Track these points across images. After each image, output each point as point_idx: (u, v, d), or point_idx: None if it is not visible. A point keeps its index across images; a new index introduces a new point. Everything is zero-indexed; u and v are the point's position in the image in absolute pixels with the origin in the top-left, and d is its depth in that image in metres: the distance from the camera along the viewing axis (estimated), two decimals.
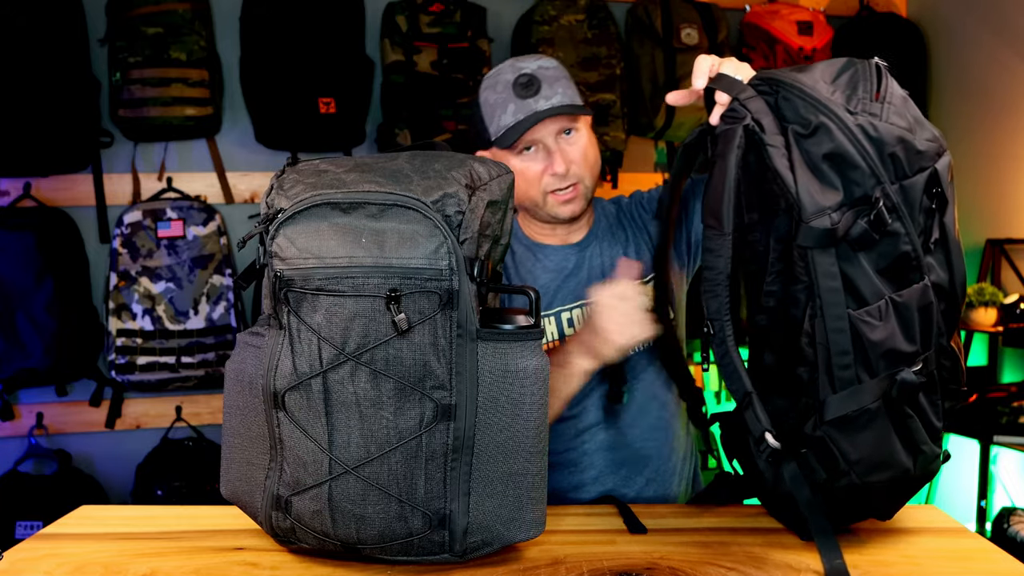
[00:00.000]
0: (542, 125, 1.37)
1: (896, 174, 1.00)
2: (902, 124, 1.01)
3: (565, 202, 1.41)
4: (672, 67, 2.97)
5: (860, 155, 0.99)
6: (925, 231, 1.02)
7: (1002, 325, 2.84)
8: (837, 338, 1.00)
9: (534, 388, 0.99)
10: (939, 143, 1.04)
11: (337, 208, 0.97)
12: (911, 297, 1.01)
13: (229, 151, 2.92)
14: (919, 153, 1.01)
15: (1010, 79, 3.08)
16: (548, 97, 1.37)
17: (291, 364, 0.98)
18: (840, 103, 1.01)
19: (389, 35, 2.82)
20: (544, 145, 1.39)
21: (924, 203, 1.02)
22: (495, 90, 1.40)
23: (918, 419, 1.04)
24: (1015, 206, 3.05)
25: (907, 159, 1.00)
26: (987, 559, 1.09)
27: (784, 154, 1.01)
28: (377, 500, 0.98)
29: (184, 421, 2.88)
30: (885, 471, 1.04)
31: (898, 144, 1.00)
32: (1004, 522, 2.67)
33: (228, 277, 2.75)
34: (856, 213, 0.99)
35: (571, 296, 1.46)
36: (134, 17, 2.59)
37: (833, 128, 0.99)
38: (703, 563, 1.08)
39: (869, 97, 1.03)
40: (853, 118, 1.00)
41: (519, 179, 1.40)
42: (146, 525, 1.21)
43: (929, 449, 1.06)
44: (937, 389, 1.07)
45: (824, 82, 1.04)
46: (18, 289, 2.57)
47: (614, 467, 1.44)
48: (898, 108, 1.03)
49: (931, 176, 1.01)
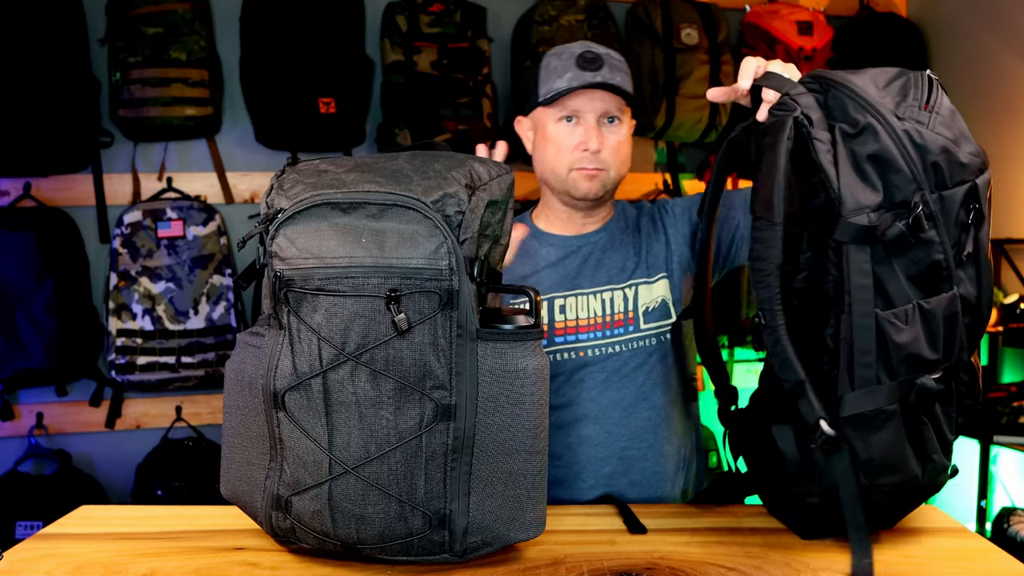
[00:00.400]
0: (592, 100, 1.41)
1: (937, 183, 1.01)
2: (948, 135, 1.03)
3: (588, 177, 1.43)
4: (672, 67, 2.97)
5: (904, 159, 1.00)
6: (959, 244, 1.03)
7: (1002, 325, 2.84)
8: (862, 335, 1.01)
9: (534, 388, 0.99)
10: (982, 159, 1.05)
11: (337, 208, 0.97)
12: (938, 305, 1.02)
13: (229, 151, 2.92)
14: (962, 166, 1.02)
15: (1010, 79, 3.08)
16: (607, 78, 1.41)
17: (291, 364, 0.98)
18: (889, 107, 1.03)
19: (389, 35, 2.82)
20: (585, 120, 1.42)
21: (961, 216, 1.03)
22: (559, 57, 1.44)
23: (932, 428, 1.05)
24: (1015, 206, 3.05)
25: (949, 170, 1.01)
26: (987, 559, 1.09)
27: (829, 150, 1.02)
28: (377, 500, 0.98)
29: (184, 421, 2.88)
30: (894, 475, 1.05)
31: (942, 154, 1.01)
32: (1004, 522, 2.67)
33: (228, 277, 2.75)
34: (895, 216, 1.00)
35: (567, 283, 1.46)
36: (134, 17, 2.59)
37: (880, 130, 1.01)
38: (703, 563, 1.08)
39: (918, 106, 1.04)
40: (900, 123, 1.01)
41: (550, 146, 1.45)
42: (146, 525, 1.21)
43: (939, 459, 1.07)
44: (953, 401, 1.07)
45: (876, 86, 1.06)
46: (18, 289, 2.57)
47: (598, 464, 1.43)
48: (945, 119, 1.04)
49: (970, 190, 1.02)
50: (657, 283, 1.46)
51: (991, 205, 1.08)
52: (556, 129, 1.44)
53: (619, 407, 1.43)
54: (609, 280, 1.46)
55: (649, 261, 1.48)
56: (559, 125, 1.44)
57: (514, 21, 3.03)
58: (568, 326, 1.43)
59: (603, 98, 1.42)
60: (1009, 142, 3.08)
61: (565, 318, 1.43)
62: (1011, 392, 2.84)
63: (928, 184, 1.01)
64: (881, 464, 1.04)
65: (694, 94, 2.96)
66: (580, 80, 1.40)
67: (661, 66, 2.97)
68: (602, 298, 1.45)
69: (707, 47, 3.01)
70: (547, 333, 1.43)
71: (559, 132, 1.44)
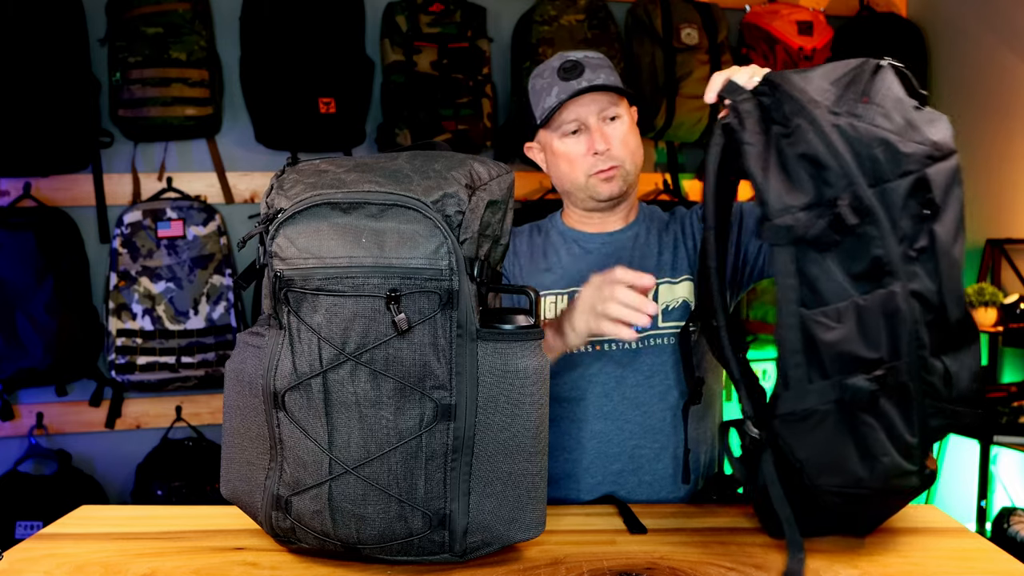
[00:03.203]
0: (584, 105, 1.43)
1: (876, 176, 0.99)
2: (888, 126, 1.00)
3: (606, 180, 1.45)
4: (672, 67, 2.97)
5: (832, 156, 0.98)
6: (909, 237, 1.00)
7: (1002, 325, 2.84)
8: (788, 335, 0.99)
9: (534, 388, 0.99)
10: (933, 148, 1.01)
11: (337, 208, 0.97)
12: (874, 302, 0.98)
13: (229, 151, 2.92)
14: (905, 156, 0.99)
15: (1010, 79, 3.08)
16: (591, 80, 1.43)
17: (291, 364, 0.98)
18: (827, 104, 1.01)
19: (389, 35, 2.82)
20: (586, 126, 1.44)
21: (911, 208, 1.00)
22: (542, 77, 1.48)
23: (881, 429, 1.00)
24: (1015, 206, 3.05)
25: (889, 162, 0.99)
26: (987, 559, 1.09)
27: (760, 153, 1.02)
28: (377, 500, 0.98)
29: (184, 421, 2.88)
30: (834, 476, 1.02)
31: (880, 146, 0.99)
32: (1004, 522, 2.67)
33: (228, 277, 2.75)
34: (820, 213, 0.98)
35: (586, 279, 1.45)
36: (134, 17, 2.59)
37: (807, 128, 1.00)
38: (703, 563, 1.08)
39: (856, 98, 1.02)
40: (835, 119, 1.00)
41: (562, 162, 1.48)
42: (146, 525, 1.21)
43: (891, 462, 1.00)
44: (913, 403, 1.00)
45: (825, 82, 1.04)
46: (18, 289, 2.57)
47: (607, 460, 1.43)
48: (886, 110, 1.02)
49: (917, 180, 0.99)
50: (680, 284, 1.46)
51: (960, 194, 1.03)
52: (562, 144, 1.47)
53: (632, 404, 1.42)
54: None
55: (675, 263, 1.47)
56: (564, 140, 1.46)
57: (514, 21, 3.03)
58: None
59: (594, 99, 1.44)
60: (1009, 142, 3.08)
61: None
62: (1011, 392, 2.84)
63: (865, 178, 0.98)
64: (819, 464, 1.02)
65: (694, 94, 2.96)
66: (567, 91, 1.43)
67: (661, 66, 2.97)
68: None
69: (707, 47, 3.01)
70: None
71: (566, 146, 1.46)
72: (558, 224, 1.57)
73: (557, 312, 1.46)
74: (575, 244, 1.53)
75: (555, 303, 1.47)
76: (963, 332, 1.03)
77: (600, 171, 1.45)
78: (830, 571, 1.05)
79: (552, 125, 1.47)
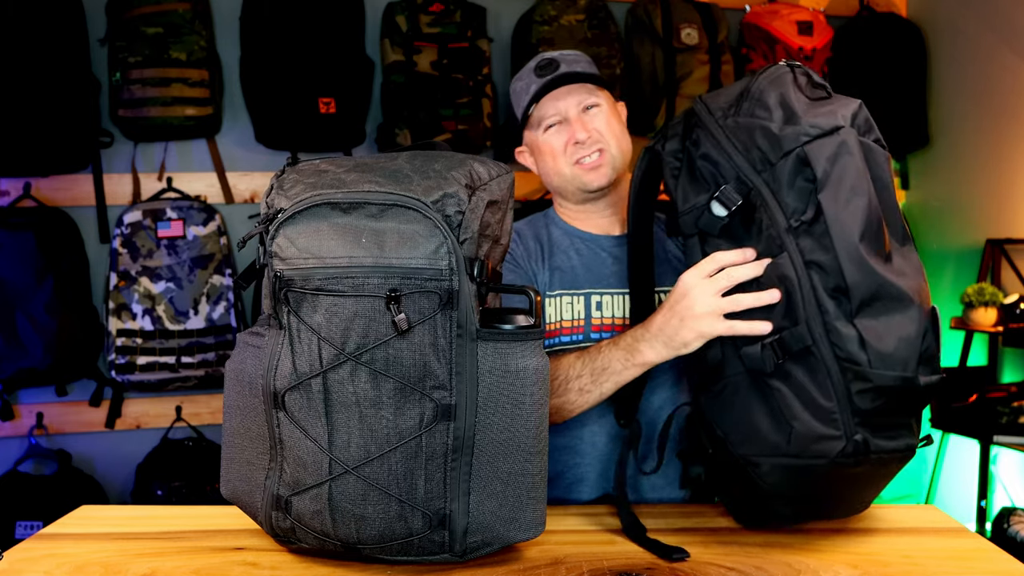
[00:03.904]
0: (561, 98, 1.44)
1: (763, 161, 1.09)
2: (763, 115, 1.11)
3: (592, 168, 1.44)
4: (672, 67, 2.97)
5: (720, 151, 1.13)
6: (799, 211, 1.07)
7: (1002, 325, 2.84)
8: None
9: (534, 388, 0.99)
10: (811, 127, 1.07)
11: (337, 208, 0.97)
12: (767, 273, 1.09)
13: (229, 151, 2.92)
14: (782, 138, 1.08)
15: (1010, 79, 3.08)
16: (565, 71, 1.46)
17: (291, 364, 0.98)
18: (720, 112, 1.16)
19: (389, 35, 2.81)
20: (566, 119, 1.45)
21: (799, 184, 1.07)
22: (520, 79, 1.51)
23: (792, 395, 1.05)
24: (1015, 206, 3.05)
25: (770, 147, 1.09)
26: (987, 559, 1.09)
27: (675, 166, 1.20)
28: (377, 500, 0.98)
29: (184, 421, 2.88)
30: (753, 445, 1.09)
31: (760, 135, 1.10)
32: (1004, 522, 2.67)
33: (228, 277, 2.75)
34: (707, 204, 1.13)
35: (604, 282, 1.45)
36: (134, 17, 2.59)
37: (702, 135, 1.16)
38: (703, 563, 1.08)
39: (737, 99, 1.16)
40: (723, 120, 1.14)
41: (547, 158, 1.48)
42: (146, 525, 1.21)
43: (802, 426, 1.04)
44: (822, 367, 1.04)
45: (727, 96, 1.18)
46: (18, 289, 2.56)
47: (606, 461, 1.42)
48: (763, 101, 1.12)
49: (798, 157, 1.07)
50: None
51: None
52: (544, 139, 1.47)
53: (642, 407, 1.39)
54: None
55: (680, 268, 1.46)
56: (546, 135, 1.47)
57: (514, 21, 3.03)
58: (604, 323, 1.43)
59: (570, 91, 1.45)
60: (1008, 142, 3.08)
61: (601, 315, 1.43)
62: (1011, 392, 2.84)
63: (755, 165, 1.10)
64: (739, 435, 1.10)
65: (694, 94, 2.95)
66: (541, 84, 1.45)
67: (661, 66, 2.97)
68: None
69: (707, 47, 3.01)
70: (583, 328, 1.42)
71: (548, 140, 1.47)
72: (558, 222, 1.54)
73: (574, 314, 1.42)
74: (583, 243, 1.49)
75: (571, 304, 1.44)
76: (885, 297, 1.04)
77: (583, 161, 1.44)
78: (830, 571, 1.05)
79: (533, 123, 1.48)
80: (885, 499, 3.19)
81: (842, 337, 1.03)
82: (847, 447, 1.03)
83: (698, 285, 1.14)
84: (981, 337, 3.07)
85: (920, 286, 1.08)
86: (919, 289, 1.07)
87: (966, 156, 3.26)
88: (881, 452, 1.05)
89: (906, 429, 1.08)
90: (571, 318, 1.43)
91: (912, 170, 3.50)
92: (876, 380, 1.02)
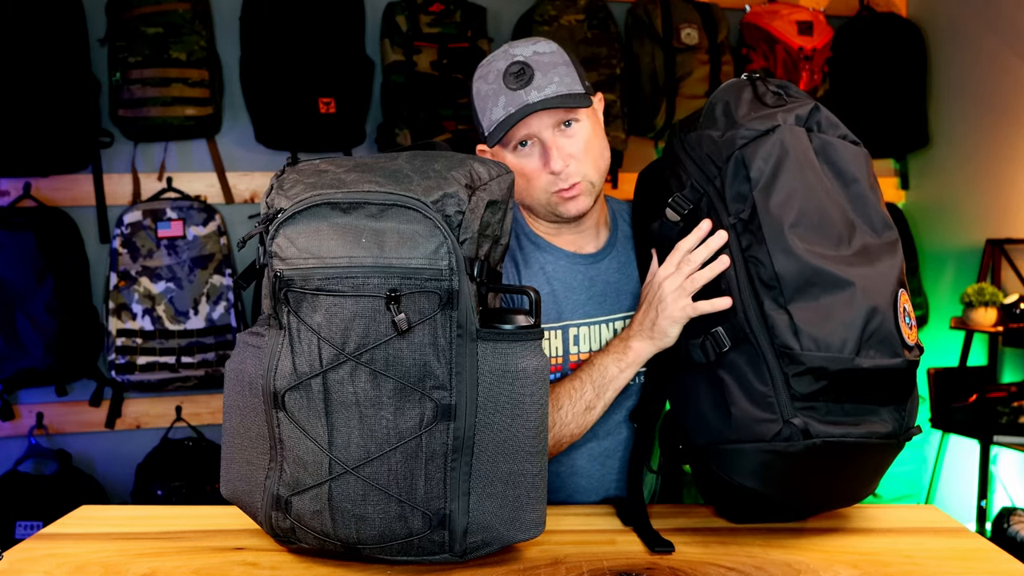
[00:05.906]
0: (536, 118, 1.27)
1: (715, 168, 1.17)
2: (708, 126, 1.20)
3: (569, 199, 1.31)
4: (672, 67, 2.97)
5: (680, 167, 1.22)
6: (739, 208, 1.14)
7: (1002, 325, 2.84)
8: None
9: (534, 388, 0.99)
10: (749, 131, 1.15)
11: (337, 208, 0.97)
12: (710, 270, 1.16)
13: (229, 151, 2.92)
14: (723, 144, 1.16)
15: (1010, 79, 3.08)
16: (541, 88, 1.26)
17: (291, 364, 0.98)
18: (685, 127, 1.25)
19: (389, 35, 2.82)
20: (540, 140, 1.29)
21: (739, 184, 1.14)
22: (487, 80, 1.30)
23: (734, 383, 1.11)
24: (1015, 206, 3.05)
25: (714, 153, 1.17)
26: (987, 559, 1.10)
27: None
28: (377, 500, 0.98)
29: (184, 421, 2.88)
30: (703, 434, 1.14)
31: (707, 143, 1.18)
32: (1004, 522, 2.67)
33: (228, 277, 2.75)
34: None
35: (581, 310, 1.38)
36: (134, 17, 2.59)
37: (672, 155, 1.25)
38: (703, 563, 1.08)
39: (697, 112, 1.25)
40: (684, 136, 1.23)
41: (518, 178, 1.32)
42: (146, 525, 1.21)
43: (739, 411, 1.09)
44: (762, 354, 1.09)
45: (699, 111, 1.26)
46: (18, 289, 2.56)
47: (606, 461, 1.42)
48: (711, 114, 1.21)
49: (736, 160, 1.14)
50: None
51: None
52: (515, 159, 1.31)
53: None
54: (618, 308, 1.41)
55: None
56: (517, 154, 1.31)
57: (514, 21, 3.03)
58: (582, 358, 1.37)
59: (549, 111, 1.28)
60: (1008, 142, 3.08)
61: (579, 350, 1.38)
62: (1011, 392, 2.84)
63: (708, 173, 1.18)
64: (693, 425, 1.16)
65: (694, 94, 2.96)
66: (515, 103, 1.26)
67: (661, 66, 2.97)
68: (614, 327, 1.40)
69: (707, 47, 3.01)
70: (561, 366, 1.37)
71: (520, 162, 1.31)
72: (527, 231, 1.41)
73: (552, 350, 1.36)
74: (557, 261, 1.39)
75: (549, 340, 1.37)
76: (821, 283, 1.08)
77: (561, 192, 1.31)
78: (830, 571, 1.05)
79: (503, 141, 1.30)
80: (885, 499, 3.20)
81: (775, 323, 1.08)
82: (783, 430, 1.07)
83: (666, 276, 1.22)
84: (981, 337, 3.07)
85: (880, 272, 1.10)
86: (875, 275, 1.09)
87: (966, 156, 3.26)
88: (828, 437, 1.06)
89: (872, 415, 1.09)
90: (551, 355, 1.36)
91: (912, 170, 3.50)
92: (808, 362, 1.06)
